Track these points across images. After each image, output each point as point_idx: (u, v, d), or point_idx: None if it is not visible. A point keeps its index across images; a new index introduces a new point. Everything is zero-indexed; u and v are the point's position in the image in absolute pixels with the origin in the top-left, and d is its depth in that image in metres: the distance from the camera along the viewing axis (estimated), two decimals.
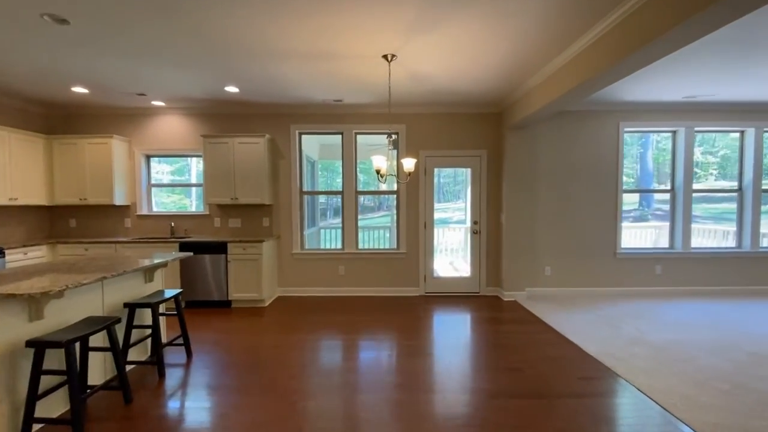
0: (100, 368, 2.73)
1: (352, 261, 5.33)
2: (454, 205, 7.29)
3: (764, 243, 5.38)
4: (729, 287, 5.23)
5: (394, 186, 5.38)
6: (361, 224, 5.55)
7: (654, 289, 5.23)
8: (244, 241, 4.67)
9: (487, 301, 5.00)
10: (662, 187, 5.53)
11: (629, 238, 5.55)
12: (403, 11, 2.66)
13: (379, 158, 3.25)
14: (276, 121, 5.24)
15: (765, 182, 5.25)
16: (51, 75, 3.91)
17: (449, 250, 6.67)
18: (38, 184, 4.83)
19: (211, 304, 4.78)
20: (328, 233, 6.99)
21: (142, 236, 5.21)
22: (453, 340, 3.62)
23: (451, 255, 6.65)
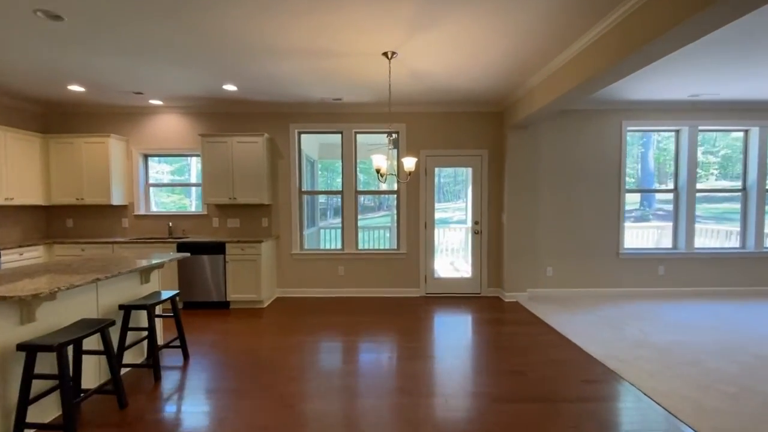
0: (94, 371, 2.68)
1: (351, 261, 5.28)
2: (455, 205, 7.23)
3: None
4: (733, 288, 5.18)
5: (395, 186, 5.32)
6: (361, 224, 5.49)
7: (657, 290, 5.18)
8: (242, 242, 4.62)
9: (488, 302, 4.95)
10: (663, 187, 5.48)
11: (631, 238, 5.50)
12: (403, 8, 2.61)
13: (379, 157, 3.20)
14: (275, 120, 5.18)
15: None
16: (46, 73, 3.85)
17: (450, 250, 6.61)
18: (35, 184, 4.78)
19: (209, 305, 4.73)
20: (328, 233, 6.94)
21: (140, 236, 5.15)
22: (454, 342, 3.57)
23: (452, 255, 6.59)
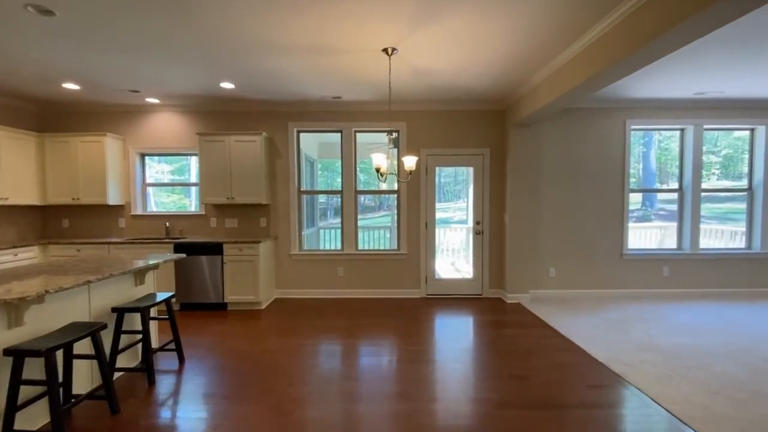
0: (86, 376, 2.61)
1: (351, 262, 5.20)
2: (455, 204, 7.16)
3: None
4: (739, 289, 5.09)
5: (395, 185, 5.25)
6: (361, 224, 5.42)
7: (661, 291, 5.09)
8: (240, 242, 4.55)
9: (490, 303, 4.87)
10: (665, 187, 5.40)
11: (633, 238, 5.41)
12: (403, 2, 2.53)
13: (378, 156, 3.13)
14: (273, 118, 5.11)
15: None
16: (40, 70, 3.78)
17: (450, 251, 6.54)
18: (30, 184, 4.71)
19: (207, 306, 4.66)
20: (328, 233, 6.86)
21: (137, 237, 5.09)
22: (455, 344, 3.49)
23: (453, 256, 6.52)
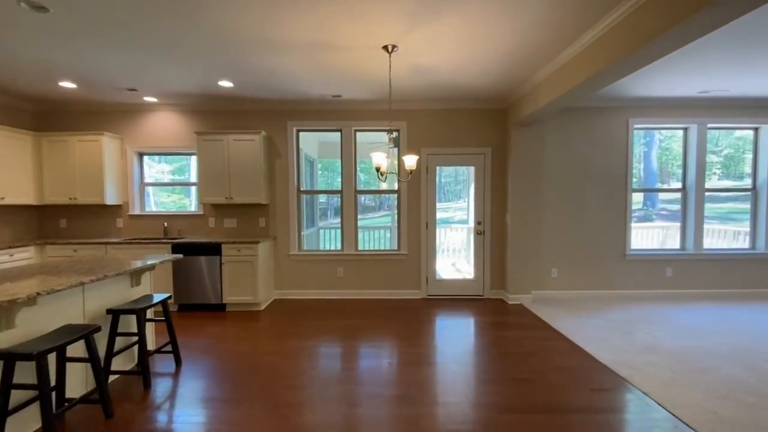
0: (80, 379, 2.56)
1: (351, 262, 5.15)
2: (455, 204, 7.10)
3: None
4: (744, 290, 5.03)
5: (395, 185, 5.19)
6: (361, 224, 5.36)
7: (665, 292, 5.03)
8: (238, 242, 4.49)
9: (491, 304, 4.81)
10: (665, 187, 5.34)
11: (635, 238, 5.33)
12: None
13: (378, 155, 3.07)
14: (272, 117, 5.05)
15: None
16: (36, 68, 3.73)
17: (451, 251, 6.49)
18: (26, 183, 4.66)
19: (205, 307, 4.61)
20: (328, 233, 6.80)
21: (134, 237, 5.03)
22: (457, 347, 3.44)
23: (453, 256, 6.47)
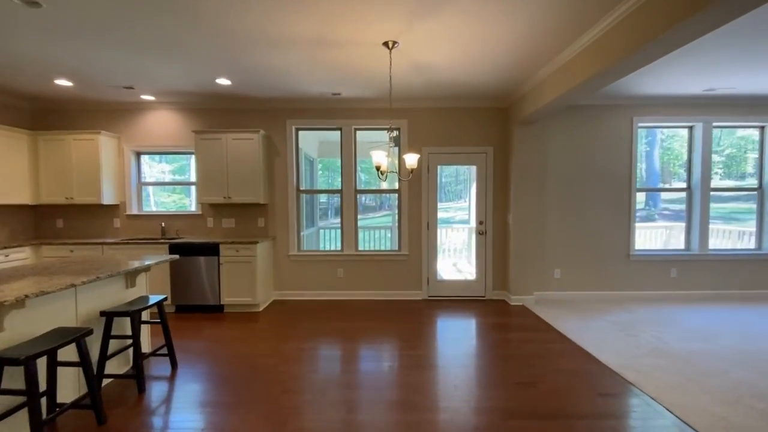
0: (73, 383, 2.49)
1: (351, 263, 5.08)
2: (456, 204, 7.02)
3: None
4: (750, 291, 4.95)
5: (396, 184, 5.12)
6: (361, 224, 5.29)
7: (670, 293, 4.95)
8: (236, 243, 4.43)
9: (493, 305, 4.74)
10: (667, 186, 5.26)
11: (637, 239, 5.24)
12: None
13: (378, 153, 3.00)
14: (271, 116, 4.99)
15: None
16: (31, 66, 3.67)
17: (452, 251, 6.41)
18: (22, 183, 4.60)
19: (203, 308, 4.54)
20: (328, 233, 6.74)
21: (132, 237, 4.97)
22: (458, 349, 3.37)
23: (455, 256, 6.40)
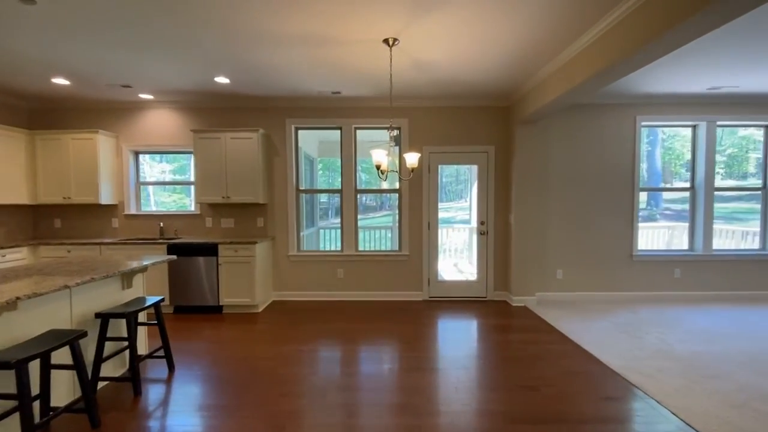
0: (68, 386, 2.45)
1: (351, 263, 5.03)
2: (457, 204, 6.98)
3: None
4: (755, 292, 4.89)
5: (396, 184, 5.07)
6: (362, 224, 5.25)
7: (673, 294, 4.90)
8: (235, 243, 4.38)
9: (495, 306, 4.69)
10: (668, 186, 5.21)
11: (640, 239, 5.18)
12: None
13: (379, 152, 2.96)
14: (270, 115, 4.94)
15: None
16: (28, 64, 3.62)
17: (453, 251, 6.38)
18: (20, 182, 4.56)
19: (202, 309, 4.50)
20: (328, 234, 6.69)
21: (130, 237, 4.93)
22: (460, 351, 3.32)
23: (455, 257, 6.35)
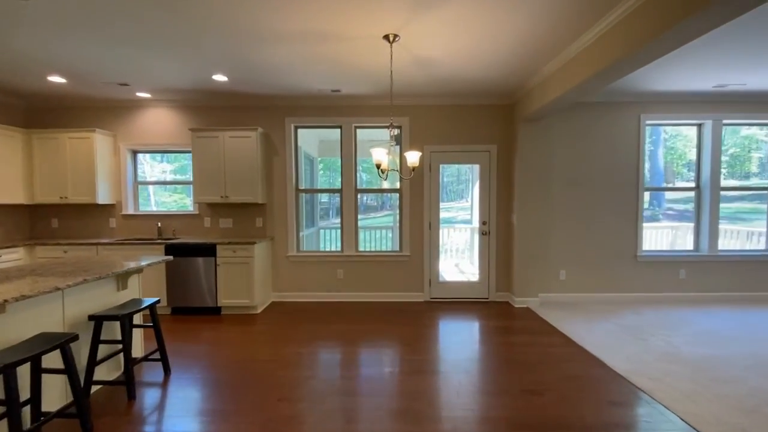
0: (60, 390, 2.39)
1: (351, 264, 4.97)
2: (458, 204, 6.92)
3: None
4: (762, 293, 4.81)
5: (397, 184, 5.01)
6: (362, 224, 5.18)
7: (678, 295, 4.82)
8: (233, 243, 4.32)
9: (497, 308, 4.62)
10: (671, 186, 5.13)
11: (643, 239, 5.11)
12: None
13: (379, 151, 2.89)
14: (269, 113, 4.88)
15: None
16: (23, 62, 3.57)
17: (455, 251, 6.31)
18: (16, 182, 4.51)
19: (200, 310, 4.44)
20: (329, 234, 6.63)
21: (127, 237, 4.87)
22: (462, 354, 3.25)
23: (457, 257, 6.29)
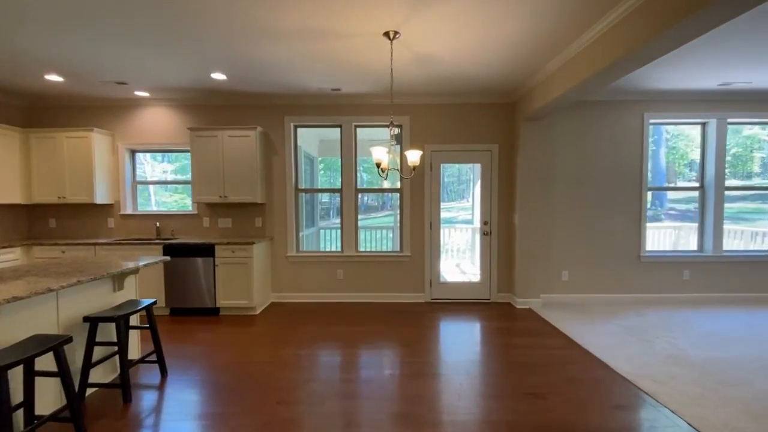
0: (54, 393, 2.34)
1: (351, 264, 4.92)
2: (459, 204, 6.87)
3: None
4: (766, 294, 4.76)
5: (398, 183, 4.96)
6: (362, 224, 5.14)
7: (682, 296, 4.77)
8: (232, 243, 4.28)
9: (498, 309, 4.57)
10: (673, 186, 5.08)
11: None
12: None
13: (379, 149, 2.84)
14: (269, 112, 4.84)
15: None
16: (20, 60, 3.53)
17: (455, 251, 6.26)
18: (14, 181, 4.47)
19: (198, 311, 4.40)
20: (329, 234, 6.59)
21: (126, 237, 4.84)
22: (463, 356, 3.21)
23: (458, 257, 6.24)
